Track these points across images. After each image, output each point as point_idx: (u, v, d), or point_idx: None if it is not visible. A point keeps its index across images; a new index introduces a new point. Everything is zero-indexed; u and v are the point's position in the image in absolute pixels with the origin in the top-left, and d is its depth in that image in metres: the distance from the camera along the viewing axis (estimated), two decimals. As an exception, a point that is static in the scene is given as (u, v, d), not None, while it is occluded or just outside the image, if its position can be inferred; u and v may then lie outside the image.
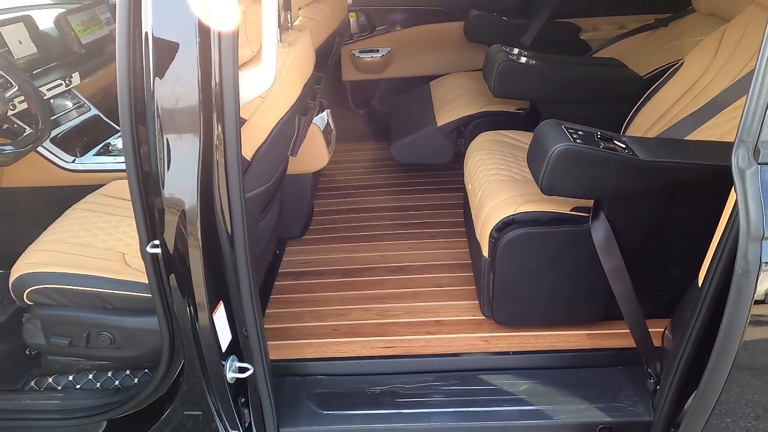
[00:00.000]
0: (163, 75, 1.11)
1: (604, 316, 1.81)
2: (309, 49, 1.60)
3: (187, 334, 1.34)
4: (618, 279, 1.56)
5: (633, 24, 3.02)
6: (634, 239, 1.60)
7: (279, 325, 1.96)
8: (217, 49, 1.10)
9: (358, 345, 1.84)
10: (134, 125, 1.17)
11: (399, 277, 2.17)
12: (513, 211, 1.66)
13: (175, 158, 1.16)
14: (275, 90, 1.36)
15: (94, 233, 1.79)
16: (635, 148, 1.43)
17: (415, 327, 1.90)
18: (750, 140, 0.93)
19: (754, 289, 0.97)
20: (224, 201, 1.22)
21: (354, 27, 3.33)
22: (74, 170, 2.21)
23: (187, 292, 1.28)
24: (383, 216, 2.59)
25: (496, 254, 1.69)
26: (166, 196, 1.19)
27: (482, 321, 1.90)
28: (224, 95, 1.12)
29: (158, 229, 1.23)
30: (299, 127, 1.53)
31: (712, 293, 1.24)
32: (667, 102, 1.96)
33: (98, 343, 1.63)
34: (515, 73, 2.19)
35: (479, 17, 3.04)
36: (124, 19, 1.08)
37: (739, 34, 1.85)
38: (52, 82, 2.31)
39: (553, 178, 1.43)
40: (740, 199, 0.96)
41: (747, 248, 0.95)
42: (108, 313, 1.61)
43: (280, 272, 2.26)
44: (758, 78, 0.90)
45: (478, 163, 1.99)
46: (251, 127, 1.35)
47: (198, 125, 1.14)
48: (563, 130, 1.46)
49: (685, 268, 1.43)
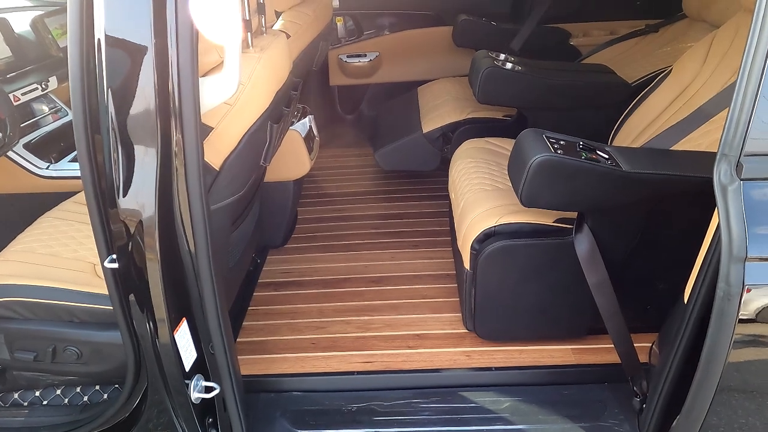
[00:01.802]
0: (117, 80, 1.05)
1: (589, 329, 1.76)
2: (283, 55, 1.54)
3: (148, 353, 1.28)
4: (602, 293, 1.50)
5: (623, 30, 2.98)
6: (619, 252, 1.55)
7: (256, 339, 1.90)
8: (174, 52, 1.04)
9: (336, 359, 1.78)
10: (89, 133, 1.11)
11: (381, 288, 2.11)
12: (495, 223, 1.61)
13: (131, 167, 1.11)
14: (244, 97, 1.30)
15: (64, 243, 1.74)
16: (619, 159, 1.38)
17: (395, 341, 1.85)
18: (732, 154, 0.88)
19: (737, 313, 0.91)
20: (185, 212, 1.16)
21: (341, 31, 3.28)
22: (48, 177, 2.15)
23: (147, 309, 1.22)
24: (367, 224, 2.54)
25: (477, 266, 1.64)
26: (123, 207, 1.13)
27: (465, 335, 1.85)
28: (183, 101, 1.07)
29: (115, 243, 1.17)
30: (272, 135, 1.47)
31: (698, 310, 1.19)
32: (656, 109, 1.91)
33: (64, 358, 1.57)
34: (500, 79, 2.14)
35: (468, 22, 3.00)
36: (76, 22, 1.03)
37: (728, 41, 1.81)
38: (28, 86, 2.25)
39: (533, 190, 1.38)
40: (722, 217, 0.91)
41: (729, 270, 0.90)
42: (74, 327, 1.55)
43: (260, 282, 2.20)
44: (740, 89, 0.84)
45: (462, 171, 1.94)
46: (219, 134, 1.29)
47: (155, 132, 1.08)
48: (544, 139, 1.40)
49: (672, 282, 1.38)
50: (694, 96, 1.83)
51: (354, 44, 3.26)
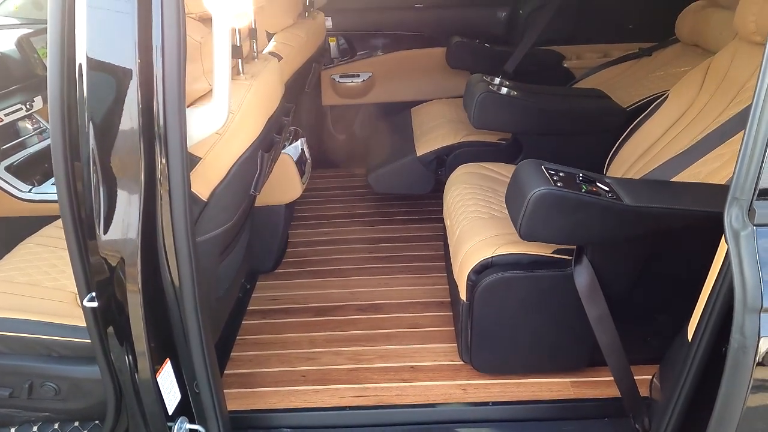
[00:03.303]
0: (98, 105, 1.00)
1: (589, 362, 1.71)
2: (274, 81, 1.50)
3: (128, 393, 1.21)
4: (602, 327, 1.46)
5: (617, 52, 2.98)
6: (620, 284, 1.51)
7: (244, 371, 1.83)
8: (160, 75, 1.00)
9: (327, 393, 1.72)
10: (69, 161, 1.06)
11: (374, 317, 2.05)
12: (492, 253, 1.56)
13: (113, 197, 1.06)
14: (234, 126, 1.26)
15: (45, 271, 1.67)
16: (620, 192, 1.35)
17: (389, 373, 1.78)
18: (744, 198, 0.84)
19: (753, 365, 0.87)
20: (169, 245, 1.10)
21: (334, 51, 3.26)
22: (30, 200, 2.09)
23: (128, 346, 1.15)
24: (360, 248, 2.49)
25: (474, 298, 1.59)
26: (103, 239, 1.08)
27: (460, 367, 1.79)
28: (168, 128, 1.02)
29: (95, 278, 1.11)
30: (262, 164, 1.43)
31: (704, 349, 1.15)
32: (653, 135, 1.90)
33: (41, 394, 1.50)
34: (495, 104, 2.11)
35: (461, 44, 2.99)
36: (56, 43, 0.99)
37: (725, 68, 1.80)
38: (12, 107, 2.19)
39: (533, 224, 1.33)
40: (734, 264, 0.86)
41: (744, 321, 0.85)
42: (53, 362, 1.48)
43: (249, 310, 2.13)
44: (751, 131, 0.81)
45: (457, 197, 1.90)
46: (207, 165, 1.24)
47: (139, 160, 1.03)
48: (543, 171, 1.37)
49: (673, 314, 1.34)
50: (691, 123, 1.82)
51: (347, 64, 3.23)
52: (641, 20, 3.05)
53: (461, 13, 3.22)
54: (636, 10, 3.03)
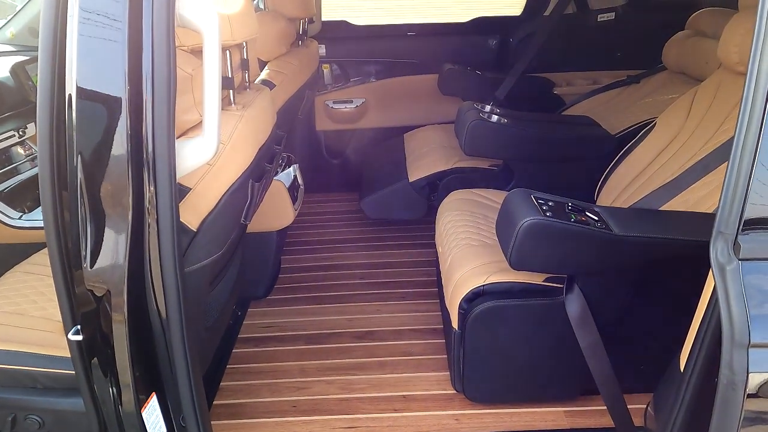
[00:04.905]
0: (87, 134, 1.00)
1: (583, 390, 1.70)
2: (266, 110, 1.51)
3: (112, 428, 1.18)
4: (595, 356, 1.45)
5: (606, 79, 3.03)
6: (611, 313, 1.51)
7: (234, 401, 1.80)
8: (150, 105, 1.00)
9: (318, 424, 1.69)
10: (56, 191, 1.06)
11: (366, 345, 2.03)
12: (483, 282, 1.56)
13: (101, 226, 1.05)
14: (224, 156, 1.26)
15: (32, 300, 1.65)
16: (609, 221, 1.35)
17: (381, 403, 1.76)
18: (729, 232, 0.85)
19: (743, 401, 0.86)
20: (156, 275, 1.09)
21: (328, 78, 3.29)
22: (20, 227, 2.07)
23: (112, 381, 1.13)
24: (353, 274, 2.47)
25: (466, 327, 1.58)
26: (89, 269, 1.06)
27: (453, 396, 1.77)
28: (157, 159, 1.02)
29: (81, 309, 1.10)
30: (253, 193, 1.43)
31: (696, 379, 1.14)
32: (642, 163, 1.91)
33: (26, 428, 1.46)
34: (486, 132, 2.13)
35: (453, 71, 3.03)
36: (47, 72, 0.99)
37: (710, 97, 1.83)
38: (5, 133, 2.19)
39: (523, 253, 1.34)
40: (721, 298, 0.86)
41: (732, 357, 0.85)
42: (37, 394, 1.45)
43: (240, 337, 2.11)
44: (734, 167, 0.82)
45: (449, 224, 1.90)
46: (197, 195, 1.24)
47: (127, 189, 1.03)
48: (532, 200, 1.37)
49: (666, 342, 1.33)
50: (679, 150, 1.84)
51: (340, 90, 3.27)
52: (629, 48, 3.11)
53: (453, 40, 3.28)
54: (624, 38, 3.10)
